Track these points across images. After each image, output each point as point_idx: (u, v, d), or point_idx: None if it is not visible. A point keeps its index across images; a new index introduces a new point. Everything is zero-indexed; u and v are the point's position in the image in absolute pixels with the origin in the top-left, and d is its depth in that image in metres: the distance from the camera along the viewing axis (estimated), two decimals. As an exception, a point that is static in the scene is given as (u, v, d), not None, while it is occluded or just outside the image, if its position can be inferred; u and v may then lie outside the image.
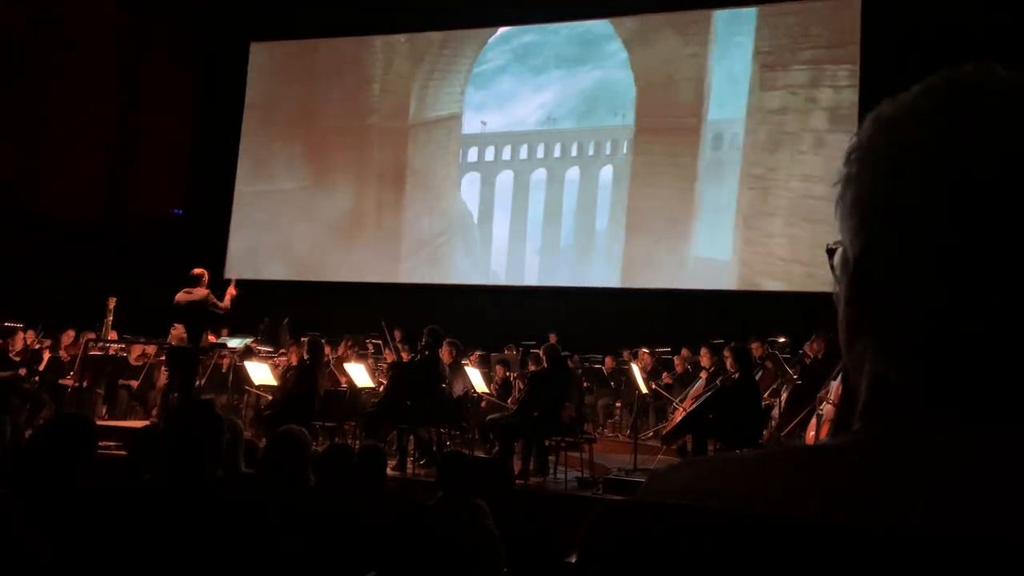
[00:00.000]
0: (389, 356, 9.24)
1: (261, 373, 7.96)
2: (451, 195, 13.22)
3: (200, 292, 7.78)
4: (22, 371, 8.52)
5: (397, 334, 9.84)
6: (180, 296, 7.80)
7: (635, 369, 7.95)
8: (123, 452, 5.59)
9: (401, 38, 13.61)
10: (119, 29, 13.40)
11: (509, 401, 7.94)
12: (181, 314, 7.76)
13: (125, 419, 8.80)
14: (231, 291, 8.06)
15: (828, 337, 7.21)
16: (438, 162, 13.37)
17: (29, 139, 12.43)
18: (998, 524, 0.42)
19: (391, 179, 13.49)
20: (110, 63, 13.37)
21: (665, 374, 9.40)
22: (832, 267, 0.56)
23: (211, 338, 8.87)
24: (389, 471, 5.29)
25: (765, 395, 7.19)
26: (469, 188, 13.15)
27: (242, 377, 8.35)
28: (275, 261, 13.75)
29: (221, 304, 7.91)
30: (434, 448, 6.93)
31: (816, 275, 9.99)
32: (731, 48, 11.68)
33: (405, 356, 8.29)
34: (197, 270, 7.94)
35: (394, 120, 13.57)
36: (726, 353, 6.76)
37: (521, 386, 8.05)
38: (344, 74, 13.97)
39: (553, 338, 8.63)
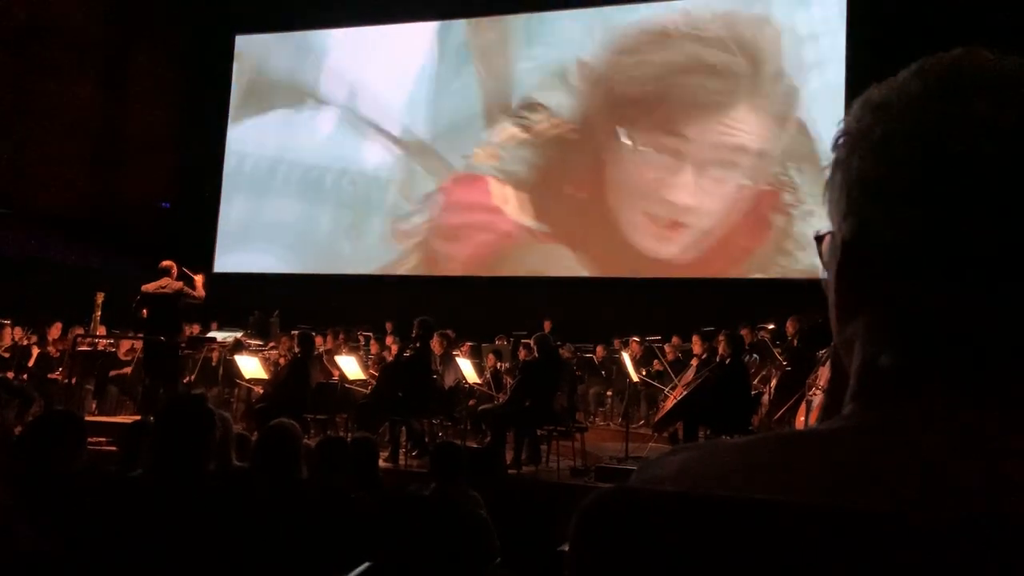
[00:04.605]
0: (375, 347, 9.22)
1: (251, 366, 7.93)
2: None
3: (174, 284, 7.73)
4: (10, 373, 8.46)
5: (388, 326, 9.81)
6: (151, 286, 7.73)
7: (626, 358, 7.96)
8: (114, 448, 5.58)
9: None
10: (106, 20, 13.27)
11: (500, 391, 7.94)
12: (154, 305, 7.68)
13: (115, 414, 8.76)
14: (199, 279, 8.03)
15: (800, 321, 7.23)
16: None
17: (15, 132, 12.32)
18: (984, 510, 0.43)
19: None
20: (96, 55, 13.25)
21: (656, 362, 9.37)
22: (820, 254, 0.56)
23: (194, 329, 8.80)
24: (382, 462, 5.29)
25: (755, 382, 7.21)
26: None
27: (233, 371, 8.31)
28: (264, 253, 13.68)
29: (196, 293, 7.87)
30: (426, 439, 6.94)
31: (802, 260, 10.07)
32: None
33: (393, 350, 8.25)
34: (165, 262, 7.88)
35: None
36: (720, 339, 6.78)
37: (512, 377, 8.05)
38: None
39: (547, 326, 8.61)
